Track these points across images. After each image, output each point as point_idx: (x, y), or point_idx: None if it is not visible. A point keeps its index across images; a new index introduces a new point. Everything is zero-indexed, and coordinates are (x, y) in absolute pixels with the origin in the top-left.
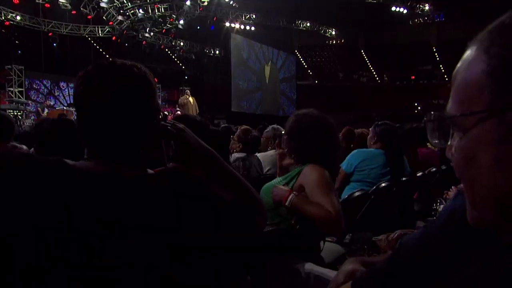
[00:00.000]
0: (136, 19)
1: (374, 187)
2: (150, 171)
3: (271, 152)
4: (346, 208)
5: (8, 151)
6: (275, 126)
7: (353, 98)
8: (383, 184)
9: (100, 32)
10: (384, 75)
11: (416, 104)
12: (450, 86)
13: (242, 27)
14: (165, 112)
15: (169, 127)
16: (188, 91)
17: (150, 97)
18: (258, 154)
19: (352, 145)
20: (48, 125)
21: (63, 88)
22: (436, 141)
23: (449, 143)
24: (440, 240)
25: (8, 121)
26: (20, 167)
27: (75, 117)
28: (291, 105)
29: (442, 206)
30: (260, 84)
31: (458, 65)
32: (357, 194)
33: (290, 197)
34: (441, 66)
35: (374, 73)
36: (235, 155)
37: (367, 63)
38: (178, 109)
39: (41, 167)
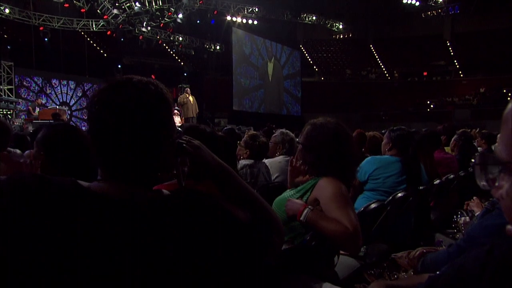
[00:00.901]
0: (132, 12)
1: (390, 197)
2: (165, 191)
3: (279, 158)
4: (361, 221)
5: (21, 172)
6: (283, 130)
7: (361, 95)
8: (399, 194)
9: (94, 26)
10: (395, 71)
11: (428, 102)
12: (466, 83)
13: (244, 21)
14: (179, 128)
15: (184, 145)
16: (188, 90)
17: (167, 115)
18: (265, 160)
19: (363, 149)
20: (50, 131)
21: (55, 86)
22: (484, 183)
23: (496, 184)
24: (480, 279)
25: (5, 128)
26: (33, 189)
27: (68, 117)
28: (295, 103)
29: (463, 218)
30: (262, 81)
31: (510, 106)
32: (373, 206)
33: (305, 211)
34: (455, 61)
35: (384, 69)
36: (242, 162)
37: (376, 58)
38: (176, 108)
39: (54, 189)
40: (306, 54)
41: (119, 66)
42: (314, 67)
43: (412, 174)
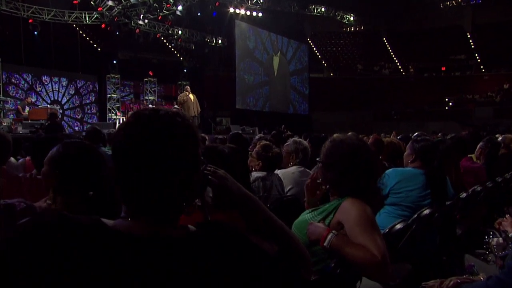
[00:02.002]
0: (128, 4)
1: (416, 215)
2: (191, 227)
3: (292, 169)
4: (385, 242)
5: (43, 211)
6: (296, 139)
7: (373, 92)
8: (425, 212)
9: (87, 19)
10: (410, 66)
11: (447, 99)
12: (488, 78)
13: (248, 13)
14: (203, 158)
15: (210, 177)
16: (188, 87)
17: (195, 149)
18: (278, 171)
19: (380, 157)
20: (69, 149)
21: (46, 83)
22: None
23: None
24: None
25: (6, 142)
26: (56, 230)
27: (59, 116)
28: (302, 101)
29: (495, 239)
30: (267, 77)
31: None
32: (398, 226)
33: (329, 236)
34: (476, 55)
35: (398, 64)
36: (255, 174)
37: (390, 52)
38: (176, 106)
39: (78, 229)
40: (314, 48)
41: (115, 61)
42: (323, 62)
43: (437, 188)
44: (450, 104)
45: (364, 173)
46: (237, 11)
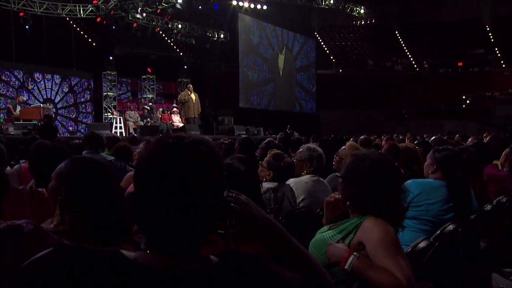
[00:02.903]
0: None
1: (439, 231)
2: (213, 258)
3: (305, 178)
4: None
5: (63, 243)
6: (310, 145)
7: (385, 90)
8: (449, 227)
9: (81, 12)
10: (424, 62)
11: (464, 97)
12: (508, 74)
13: (252, 5)
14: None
15: (232, 204)
16: (191, 86)
17: (219, 178)
18: (290, 180)
19: (396, 163)
20: (77, 165)
21: (38, 80)
22: None
23: None
24: None
25: (0, 152)
26: (77, 266)
27: (53, 115)
28: (309, 99)
29: None
30: (272, 74)
31: None
32: (421, 246)
33: (351, 259)
34: (496, 49)
35: (412, 59)
36: (266, 185)
37: (403, 47)
38: (175, 105)
39: (98, 264)
40: (322, 43)
41: (111, 57)
42: (331, 57)
43: (461, 201)
44: (468, 102)
45: (387, 190)
46: (240, 3)
